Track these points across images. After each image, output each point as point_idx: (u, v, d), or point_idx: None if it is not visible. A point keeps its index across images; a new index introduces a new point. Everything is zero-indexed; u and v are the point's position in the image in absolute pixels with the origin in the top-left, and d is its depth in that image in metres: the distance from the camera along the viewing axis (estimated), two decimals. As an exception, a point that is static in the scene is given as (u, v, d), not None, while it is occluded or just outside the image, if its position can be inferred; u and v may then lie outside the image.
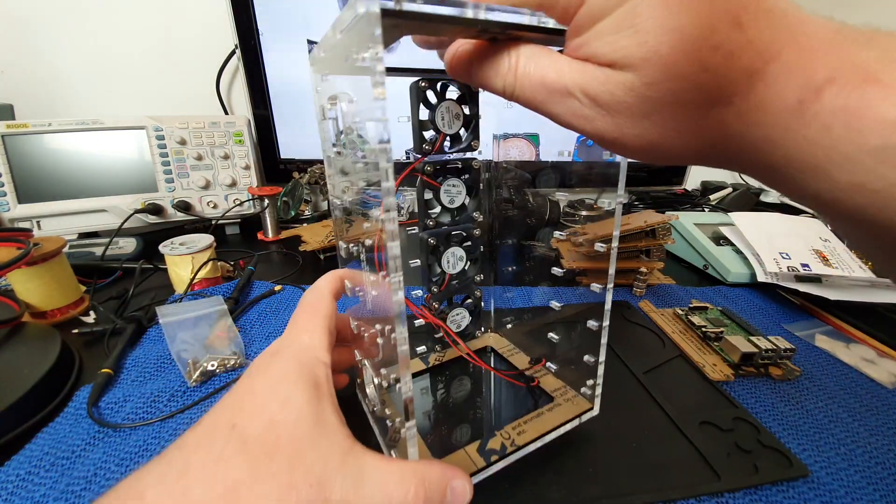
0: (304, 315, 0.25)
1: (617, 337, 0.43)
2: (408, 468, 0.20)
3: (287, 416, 0.19)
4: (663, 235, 0.53)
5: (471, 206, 0.33)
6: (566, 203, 0.81)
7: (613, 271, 0.27)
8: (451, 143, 0.30)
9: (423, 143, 0.29)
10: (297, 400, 0.20)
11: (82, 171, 0.63)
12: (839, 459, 0.31)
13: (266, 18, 0.68)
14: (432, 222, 0.31)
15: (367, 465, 0.19)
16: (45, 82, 0.78)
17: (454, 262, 0.33)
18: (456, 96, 0.29)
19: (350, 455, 0.19)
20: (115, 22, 0.76)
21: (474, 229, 0.33)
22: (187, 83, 0.82)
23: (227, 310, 0.42)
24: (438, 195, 0.31)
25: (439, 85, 0.28)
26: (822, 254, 0.56)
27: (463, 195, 0.32)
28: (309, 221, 0.76)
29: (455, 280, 0.34)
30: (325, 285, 0.27)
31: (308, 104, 0.75)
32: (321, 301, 0.26)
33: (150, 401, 0.33)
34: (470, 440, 0.28)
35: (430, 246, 0.31)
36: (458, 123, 0.29)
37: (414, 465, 0.20)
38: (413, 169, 0.29)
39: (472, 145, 0.31)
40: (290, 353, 0.23)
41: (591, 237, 0.49)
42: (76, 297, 0.46)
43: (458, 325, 0.36)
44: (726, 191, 0.92)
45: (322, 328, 0.24)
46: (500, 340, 0.39)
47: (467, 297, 0.36)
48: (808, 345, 0.45)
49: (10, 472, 0.27)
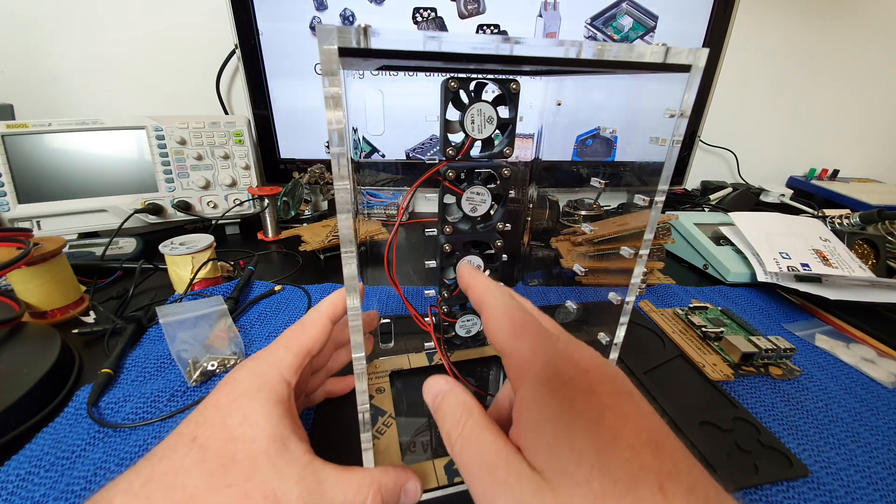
0: (291, 331, 0.26)
1: (617, 337, 0.43)
2: (365, 476, 0.21)
3: (245, 432, 0.21)
4: (663, 235, 0.53)
5: (496, 216, 0.31)
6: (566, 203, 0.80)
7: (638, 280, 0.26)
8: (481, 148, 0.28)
9: (448, 146, 0.27)
10: (256, 416, 0.21)
11: (82, 171, 0.63)
12: (839, 459, 0.31)
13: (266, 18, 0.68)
14: (450, 228, 0.30)
15: (326, 477, 0.21)
16: (45, 82, 0.78)
17: None
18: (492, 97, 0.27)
19: (308, 469, 0.21)
20: (115, 22, 0.76)
21: (497, 240, 0.31)
22: (187, 83, 0.82)
23: (227, 310, 0.42)
24: (460, 202, 0.29)
25: (473, 84, 0.26)
26: (822, 254, 0.56)
27: (487, 204, 0.30)
28: (309, 221, 0.76)
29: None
30: (326, 308, 0.27)
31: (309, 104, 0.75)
32: (313, 322, 0.26)
33: (150, 401, 0.33)
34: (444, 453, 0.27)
35: (446, 251, 0.30)
36: (490, 127, 0.27)
37: (371, 473, 0.22)
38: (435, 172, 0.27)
39: (504, 152, 0.28)
40: (257, 369, 0.24)
41: (592, 237, 0.49)
42: (76, 297, 0.46)
43: (467, 331, 0.36)
44: (726, 191, 0.92)
45: (300, 347, 0.25)
46: None
47: None
48: (808, 345, 0.45)
49: (10, 472, 0.27)
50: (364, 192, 0.77)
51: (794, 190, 0.96)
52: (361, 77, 0.67)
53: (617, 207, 0.85)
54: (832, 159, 1.07)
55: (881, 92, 1.04)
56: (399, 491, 0.23)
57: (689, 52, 0.20)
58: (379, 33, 0.15)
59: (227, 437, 0.20)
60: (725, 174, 1.05)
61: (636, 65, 0.20)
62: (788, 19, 0.92)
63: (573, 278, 0.52)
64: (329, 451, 0.22)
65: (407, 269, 0.52)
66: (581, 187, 0.83)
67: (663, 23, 0.74)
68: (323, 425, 0.32)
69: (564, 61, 0.19)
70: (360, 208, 0.25)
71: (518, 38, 0.17)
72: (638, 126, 0.26)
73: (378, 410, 0.31)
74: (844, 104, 1.04)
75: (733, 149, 1.01)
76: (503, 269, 0.34)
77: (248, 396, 0.22)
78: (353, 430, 0.22)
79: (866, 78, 1.01)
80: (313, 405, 0.33)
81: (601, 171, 0.31)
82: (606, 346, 0.29)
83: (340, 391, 0.34)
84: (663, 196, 0.24)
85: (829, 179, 1.02)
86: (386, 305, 0.49)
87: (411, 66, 0.25)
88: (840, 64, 0.99)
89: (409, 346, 0.39)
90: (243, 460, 0.20)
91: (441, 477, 0.26)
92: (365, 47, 0.15)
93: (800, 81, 0.99)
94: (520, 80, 0.27)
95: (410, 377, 0.36)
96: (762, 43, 0.93)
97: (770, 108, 1.01)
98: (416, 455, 0.29)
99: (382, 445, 0.29)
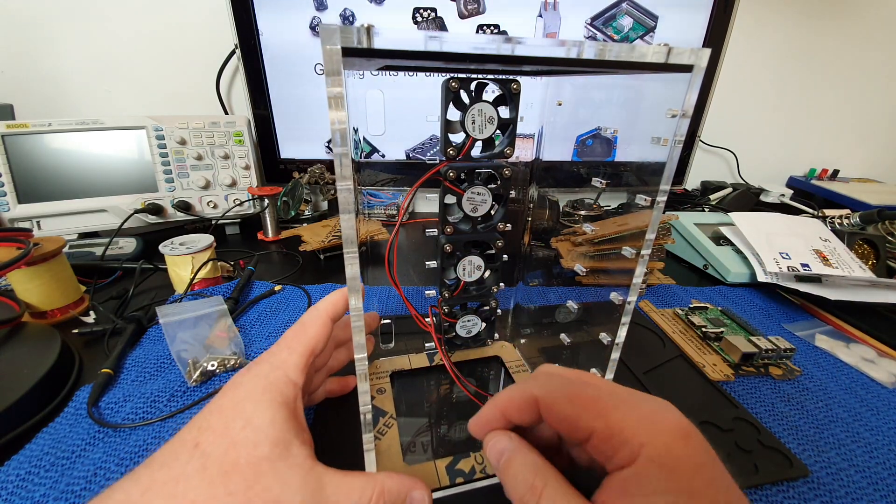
0: (292, 332, 0.26)
1: (617, 337, 0.43)
2: (368, 481, 0.21)
3: (248, 437, 0.20)
4: (663, 235, 0.53)
5: (497, 216, 0.31)
6: (566, 203, 0.81)
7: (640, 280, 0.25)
8: (482, 148, 0.28)
9: (449, 146, 0.27)
10: (259, 420, 0.21)
11: (82, 171, 0.63)
12: (839, 459, 0.31)
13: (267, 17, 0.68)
14: (450, 228, 0.30)
15: (328, 482, 0.20)
16: (45, 82, 0.78)
17: (471, 271, 0.32)
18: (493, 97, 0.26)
19: (311, 474, 0.20)
20: (116, 22, 0.76)
21: (497, 240, 0.31)
22: (187, 83, 0.81)
23: (227, 310, 0.42)
24: (461, 202, 0.29)
25: (473, 84, 0.26)
26: (822, 254, 0.56)
27: (488, 204, 0.30)
28: (309, 221, 0.76)
29: (472, 287, 0.33)
30: (325, 307, 0.27)
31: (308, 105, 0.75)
32: (314, 321, 0.26)
33: (150, 401, 0.33)
34: (446, 454, 0.28)
35: (447, 251, 0.30)
36: (490, 128, 0.27)
37: (374, 477, 0.22)
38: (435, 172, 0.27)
39: (505, 152, 0.28)
40: (262, 371, 0.23)
41: (592, 237, 0.49)
42: (76, 297, 0.46)
43: (468, 331, 0.36)
44: (726, 191, 0.92)
45: (304, 347, 0.25)
46: (511, 353, 0.39)
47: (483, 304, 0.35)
48: (808, 345, 0.45)
49: (10, 472, 0.27)
50: (364, 193, 0.77)
51: (794, 190, 0.96)
52: (362, 77, 0.67)
53: (617, 207, 0.85)
54: (832, 159, 1.07)
55: (881, 92, 1.04)
56: (404, 498, 0.22)
57: (691, 52, 0.20)
58: (381, 33, 0.15)
59: (229, 443, 0.20)
60: (725, 174, 1.05)
61: (638, 65, 0.20)
62: (788, 19, 0.92)
63: (573, 278, 0.52)
64: (329, 452, 0.22)
65: (407, 269, 0.52)
66: (581, 187, 0.83)
67: (663, 23, 0.74)
68: (323, 426, 0.32)
69: (566, 61, 0.19)
70: (360, 208, 0.25)
71: (519, 39, 0.17)
72: (638, 126, 0.26)
73: (379, 411, 0.31)
74: (844, 104, 1.04)
75: (733, 149, 1.01)
76: (503, 269, 0.34)
77: (251, 400, 0.22)
78: (354, 430, 0.22)
79: (866, 78, 1.01)
80: (313, 405, 0.33)
81: (601, 171, 0.31)
82: (607, 346, 0.29)
83: (340, 391, 0.34)
84: (665, 196, 0.23)
85: (829, 179, 1.03)
86: (386, 305, 0.49)
87: (412, 66, 0.25)
88: (840, 64, 0.99)
89: (409, 347, 0.39)
90: (245, 467, 0.19)
91: (443, 477, 0.26)
92: (368, 47, 0.15)
93: (800, 81, 0.99)
94: (520, 80, 0.27)
95: (411, 377, 0.36)
96: (762, 43, 0.93)
97: (770, 108, 1.01)
98: (417, 455, 0.29)
99: (384, 446, 0.29)
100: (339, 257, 0.29)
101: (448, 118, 0.26)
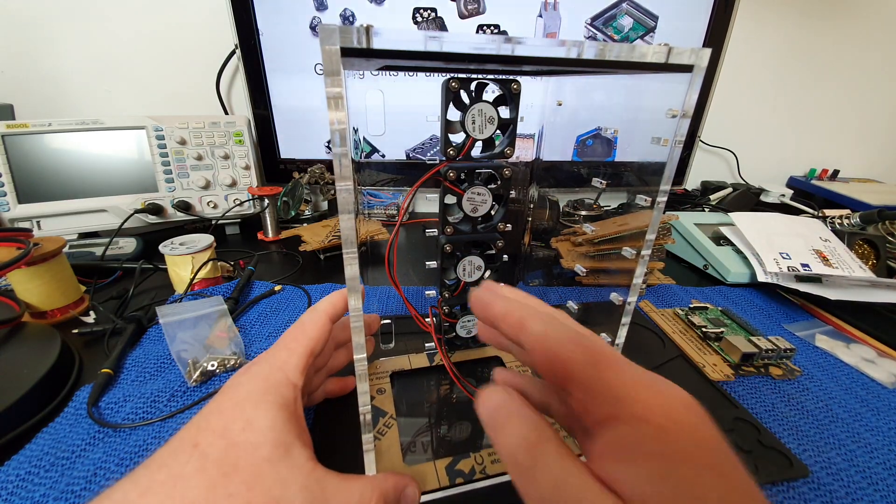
0: (291, 333, 0.26)
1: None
2: (367, 484, 0.21)
3: (248, 438, 0.20)
4: (663, 235, 0.53)
5: (497, 216, 0.31)
6: (566, 203, 0.81)
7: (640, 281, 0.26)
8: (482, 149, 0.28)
9: (449, 146, 0.27)
10: (260, 422, 0.21)
11: (82, 171, 0.63)
12: (839, 459, 0.31)
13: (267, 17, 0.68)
14: (451, 228, 0.30)
15: (328, 485, 0.20)
16: (45, 82, 0.78)
17: (471, 271, 0.32)
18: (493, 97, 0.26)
19: (311, 477, 0.20)
20: (115, 22, 0.76)
21: (498, 241, 0.31)
22: (187, 83, 0.81)
23: (227, 310, 0.42)
24: (461, 202, 0.29)
25: (474, 84, 0.26)
26: (822, 254, 0.56)
27: (488, 204, 0.30)
28: (309, 221, 0.76)
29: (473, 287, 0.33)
30: (325, 307, 0.27)
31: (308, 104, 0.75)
32: (313, 321, 0.26)
33: (150, 401, 0.33)
34: (445, 454, 0.28)
35: (447, 252, 0.30)
36: (491, 128, 0.27)
37: (373, 481, 0.22)
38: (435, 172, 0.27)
39: (505, 152, 0.28)
40: (262, 372, 0.23)
41: (592, 237, 0.49)
42: (76, 297, 0.46)
43: (468, 332, 0.36)
44: (726, 191, 0.92)
45: (303, 347, 0.25)
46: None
47: None
48: (808, 345, 0.45)
49: (10, 472, 0.27)
50: (364, 193, 0.77)
51: (795, 190, 0.96)
52: (362, 77, 0.67)
53: (617, 207, 0.85)
54: (832, 159, 1.07)
55: (881, 92, 1.04)
56: (399, 496, 0.23)
57: (692, 53, 0.20)
58: (381, 33, 0.15)
59: (229, 444, 0.20)
60: (725, 174, 1.05)
61: (638, 65, 0.20)
62: (788, 19, 0.92)
63: (573, 278, 0.52)
64: (329, 452, 0.22)
65: (407, 269, 0.52)
66: (581, 187, 0.83)
67: (663, 23, 0.74)
68: (323, 426, 0.32)
69: (566, 61, 0.19)
70: (360, 208, 0.25)
71: (520, 39, 0.17)
72: (638, 126, 0.26)
73: (379, 411, 0.31)
74: (844, 104, 1.04)
75: (733, 149, 1.01)
76: (504, 269, 0.34)
77: (251, 401, 0.22)
78: (354, 430, 0.22)
79: (866, 78, 1.01)
80: (313, 405, 0.33)
81: (602, 171, 0.32)
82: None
83: (340, 391, 0.34)
84: (665, 196, 0.23)
85: (829, 179, 1.03)
86: (386, 306, 0.49)
87: (412, 67, 0.25)
88: (840, 64, 0.99)
89: (409, 347, 0.39)
90: (245, 468, 0.19)
91: (442, 478, 0.26)
92: (367, 47, 0.15)
93: (800, 81, 0.99)
94: (520, 80, 0.27)
95: (411, 378, 0.36)
96: (762, 43, 0.93)
97: (770, 108, 1.01)
98: (416, 456, 0.29)
99: (383, 447, 0.29)
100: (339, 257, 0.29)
101: (448, 118, 0.26)
